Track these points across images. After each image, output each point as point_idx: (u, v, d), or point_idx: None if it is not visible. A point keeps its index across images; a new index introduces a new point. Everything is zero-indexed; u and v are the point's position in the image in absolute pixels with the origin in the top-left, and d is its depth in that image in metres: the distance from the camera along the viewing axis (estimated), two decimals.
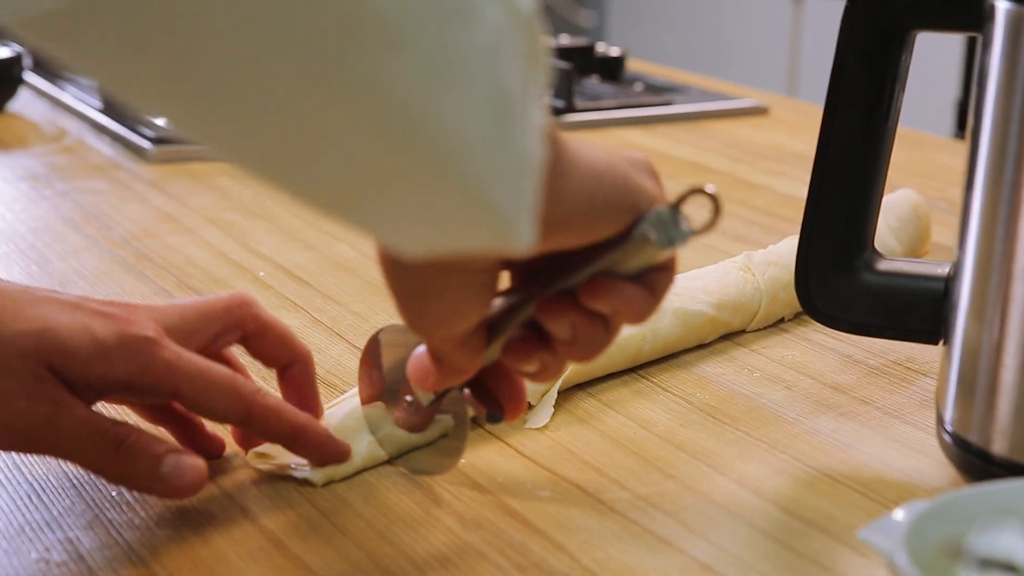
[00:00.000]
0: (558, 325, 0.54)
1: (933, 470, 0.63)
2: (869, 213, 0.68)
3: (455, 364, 0.55)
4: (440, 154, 0.41)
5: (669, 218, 0.51)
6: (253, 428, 0.59)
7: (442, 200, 0.43)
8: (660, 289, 0.54)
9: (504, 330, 0.55)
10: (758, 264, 0.81)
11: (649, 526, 0.58)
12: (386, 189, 0.42)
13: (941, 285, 0.65)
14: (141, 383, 0.56)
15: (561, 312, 0.53)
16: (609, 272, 0.52)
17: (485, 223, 0.44)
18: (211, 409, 0.58)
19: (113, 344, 0.56)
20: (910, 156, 1.25)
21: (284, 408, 0.59)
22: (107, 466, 0.56)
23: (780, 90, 3.14)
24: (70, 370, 0.55)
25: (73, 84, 1.46)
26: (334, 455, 0.60)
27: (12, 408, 0.54)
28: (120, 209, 1.05)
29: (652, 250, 0.51)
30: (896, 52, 0.65)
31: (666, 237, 0.51)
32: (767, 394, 0.71)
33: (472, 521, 0.58)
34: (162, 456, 0.56)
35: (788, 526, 0.58)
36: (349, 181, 0.42)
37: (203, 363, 0.58)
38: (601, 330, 0.54)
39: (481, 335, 0.54)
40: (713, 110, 1.44)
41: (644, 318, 0.54)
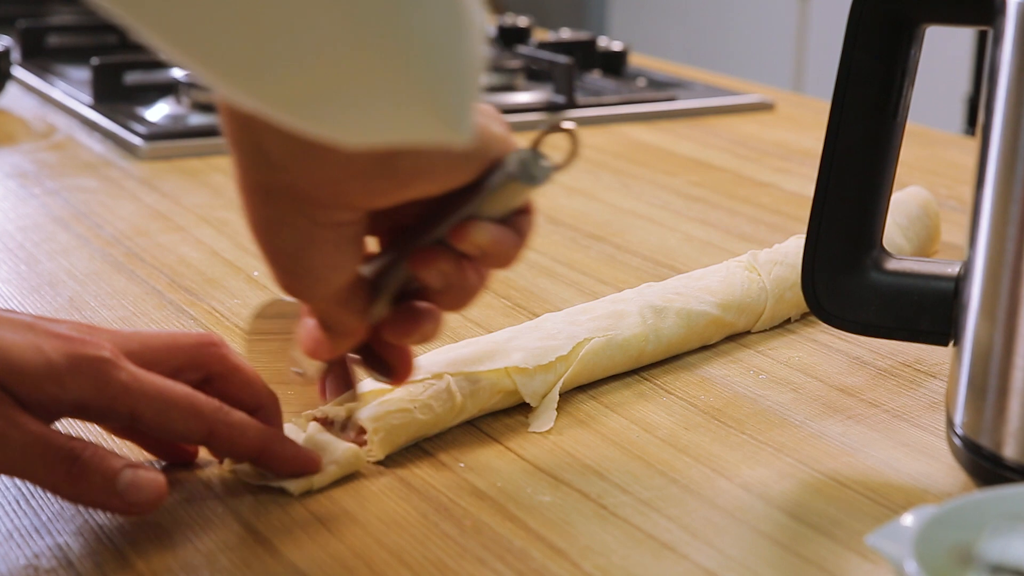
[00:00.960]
0: (430, 273, 0.57)
1: (943, 474, 0.63)
2: (877, 211, 0.68)
3: (342, 327, 0.58)
4: (403, 52, 0.44)
5: (531, 157, 0.55)
6: (217, 447, 0.59)
7: (398, 94, 0.45)
8: (524, 230, 0.58)
9: (384, 288, 0.59)
10: (764, 263, 0.81)
11: (652, 531, 0.58)
12: (344, 81, 0.44)
13: (951, 285, 0.65)
14: (96, 404, 0.56)
15: (432, 260, 0.57)
16: (475, 216, 0.56)
17: (434, 117, 0.47)
18: (172, 430, 0.58)
19: (65, 365, 0.55)
20: (919, 153, 1.25)
21: (248, 424, 0.59)
22: (60, 483, 0.55)
23: (786, 85, 3.14)
24: (21, 389, 0.54)
25: (63, 80, 1.46)
26: (303, 467, 0.60)
27: None
28: (111, 207, 1.05)
29: (516, 188, 0.56)
30: (905, 46, 0.65)
31: (529, 175, 0.55)
32: (773, 396, 0.71)
33: (471, 527, 0.58)
34: (119, 471, 0.55)
35: (794, 531, 0.58)
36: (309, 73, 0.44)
37: (161, 382, 0.57)
38: (472, 275, 0.58)
39: (361, 295, 0.58)
40: (717, 106, 1.44)
41: (511, 259, 0.58)
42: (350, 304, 0.57)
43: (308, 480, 0.60)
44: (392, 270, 0.58)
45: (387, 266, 0.58)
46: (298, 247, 0.54)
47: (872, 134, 0.66)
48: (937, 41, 1.06)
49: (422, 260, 0.57)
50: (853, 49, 0.66)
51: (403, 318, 0.60)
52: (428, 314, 0.60)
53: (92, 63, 1.37)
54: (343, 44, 0.43)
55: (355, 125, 0.46)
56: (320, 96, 0.45)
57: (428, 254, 0.57)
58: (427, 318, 0.60)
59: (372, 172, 0.52)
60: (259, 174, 0.54)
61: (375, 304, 0.59)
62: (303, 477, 0.60)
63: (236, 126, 0.54)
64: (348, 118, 0.46)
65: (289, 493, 0.60)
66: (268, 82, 0.44)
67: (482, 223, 0.56)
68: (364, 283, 0.58)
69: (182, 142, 1.22)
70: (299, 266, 0.55)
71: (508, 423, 0.67)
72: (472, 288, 0.58)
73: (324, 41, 0.42)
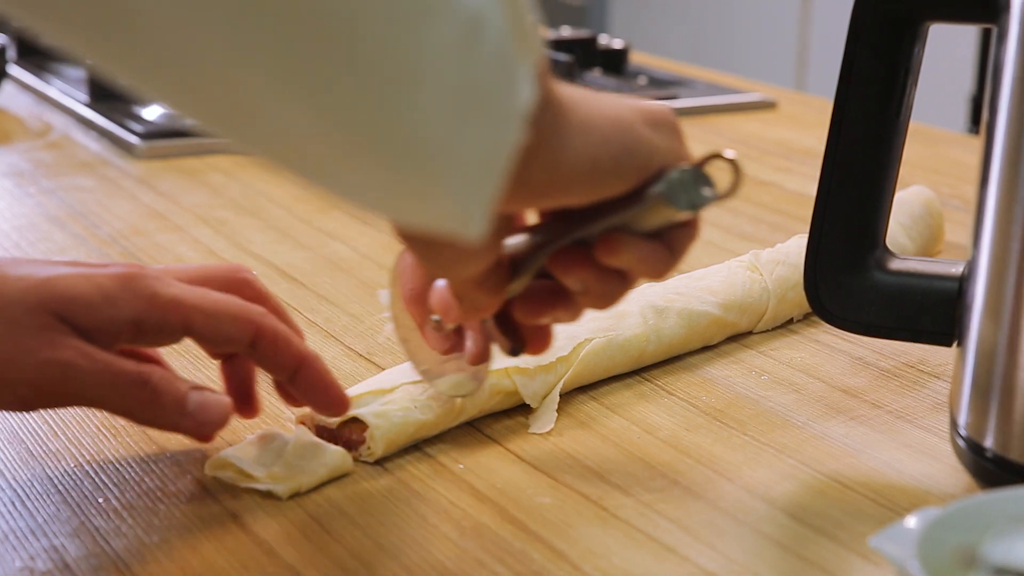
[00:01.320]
0: (569, 279, 0.55)
1: (946, 476, 0.63)
2: (880, 211, 0.68)
3: (475, 304, 0.56)
4: (391, 150, 0.42)
5: (690, 180, 0.51)
6: (260, 353, 0.60)
7: (400, 188, 0.44)
8: (680, 247, 0.55)
9: (525, 270, 0.56)
10: (766, 263, 0.81)
11: (653, 533, 0.58)
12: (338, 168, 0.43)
13: (955, 285, 0.65)
14: (150, 320, 0.58)
15: (572, 267, 0.55)
16: (626, 228, 0.53)
17: (439, 212, 0.45)
18: (222, 335, 0.59)
19: (116, 286, 0.57)
20: (923, 152, 1.25)
21: (291, 336, 0.61)
22: (133, 407, 0.58)
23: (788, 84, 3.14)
24: (79, 317, 0.57)
25: (59, 78, 1.46)
26: (334, 400, 0.61)
27: (33, 362, 0.56)
28: (108, 207, 1.05)
29: (670, 212, 0.52)
30: (908, 44, 0.65)
31: (686, 200, 0.51)
32: (775, 397, 0.71)
33: (471, 529, 0.58)
34: (186, 393, 0.58)
35: (796, 533, 0.58)
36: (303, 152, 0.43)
37: (207, 291, 0.59)
38: (616, 283, 0.55)
39: (500, 275, 0.55)
40: (719, 104, 1.44)
41: (662, 275, 0.55)
42: (487, 284, 0.55)
43: (296, 482, 0.60)
44: (534, 255, 0.55)
45: (533, 247, 0.55)
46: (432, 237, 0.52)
47: (875, 133, 0.66)
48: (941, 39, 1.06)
49: (562, 265, 0.55)
50: (856, 47, 0.66)
51: (537, 298, 0.57)
52: (565, 300, 0.57)
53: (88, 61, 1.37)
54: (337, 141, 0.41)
55: (366, 202, 0.46)
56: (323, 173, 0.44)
57: (569, 260, 0.54)
58: (562, 304, 0.57)
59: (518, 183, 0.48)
60: None
61: (513, 283, 0.56)
62: (293, 479, 0.60)
63: None
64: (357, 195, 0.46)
65: (277, 496, 0.60)
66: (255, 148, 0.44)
67: (630, 239, 0.53)
68: (504, 264, 0.55)
69: (179, 141, 1.22)
70: (436, 252, 0.53)
71: (508, 424, 0.67)
72: (614, 294, 0.56)
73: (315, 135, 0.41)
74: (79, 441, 0.65)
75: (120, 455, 0.64)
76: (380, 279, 0.88)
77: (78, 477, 0.62)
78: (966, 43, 2.63)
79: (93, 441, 0.65)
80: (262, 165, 0.45)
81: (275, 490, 0.60)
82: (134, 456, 0.64)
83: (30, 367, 0.56)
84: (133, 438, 0.65)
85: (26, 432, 0.66)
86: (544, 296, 0.57)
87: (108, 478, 0.62)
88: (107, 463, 0.63)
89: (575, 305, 0.57)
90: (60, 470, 0.63)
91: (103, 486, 0.61)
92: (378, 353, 0.76)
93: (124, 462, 0.63)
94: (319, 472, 0.61)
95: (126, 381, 0.57)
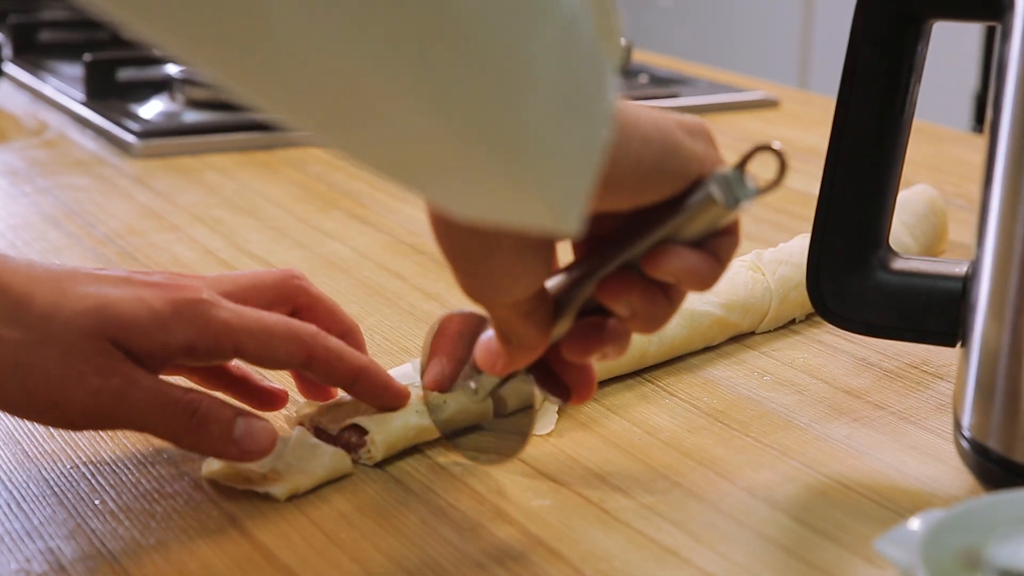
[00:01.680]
0: (618, 304, 0.55)
1: (950, 477, 0.63)
2: (884, 210, 0.68)
3: (523, 340, 0.56)
4: (504, 148, 0.44)
5: (734, 178, 0.52)
6: (315, 371, 0.62)
7: (499, 185, 0.45)
8: (725, 254, 0.55)
9: (569, 305, 0.56)
10: (768, 263, 0.81)
11: (655, 536, 0.58)
12: (444, 167, 0.44)
13: (959, 285, 0.65)
14: (202, 345, 0.59)
15: (622, 291, 0.55)
16: (671, 239, 0.53)
17: (537, 209, 0.47)
18: (274, 358, 0.61)
19: (169, 311, 0.59)
20: (926, 150, 1.25)
21: (345, 350, 0.62)
22: (181, 434, 0.59)
23: (791, 82, 3.14)
24: (132, 342, 0.58)
25: (55, 76, 1.46)
26: (392, 400, 0.63)
27: (86, 388, 0.57)
28: (103, 206, 1.05)
29: (717, 212, 0.53)
30: (912, 42, 0.65)
31: (732, 197, 0.52)
32: (777, 398, 0.71)
33: (470, 531, 0.58)
34: (232, 420, 0.59)
35: (799, 536, 0.58)
36: (411, 154, 0.44)
37: (258, 314, 0.61)
38: (663, 302, 0.56)
39: (546, 309, 0.56)
40: (721, 103, 1.44)
41: (709, 285, 0.55)
42: (532, 317, 0.55)
43: (294, 484, 0.60)
44: (578, 287, 0.55)
45: (573, 283, 0.56)
46: (479, 250, 0.52)
47: (878, 131, 0.66)
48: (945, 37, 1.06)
49: (610, 290, 0.55)
50: (859, 45, 0.66)
51: (584, 335, 0.57)
52: (612, 333, 0.57)
53: (84, 59, 1.37)
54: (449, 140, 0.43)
55: (460, 203, 0.47)
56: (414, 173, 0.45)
57: (617, 284, 0.54)
58: (610, 338, 0.57)
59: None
60: None
61: (558, 321, 0.56)
62: (291, 479, 0.60)
63: None
64: (453, 196, 0.47)
65: (275, 498, 0.60)
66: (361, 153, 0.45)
67: (677, 250, 0.53)
68: (549, 298, 0.56)
69: (176, 140, 1.22)
70: (480, 270, 0.53)
71: None
72: (663, 315, 0.56)
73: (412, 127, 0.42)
74: (75, 443, 0.65)
75: (117, 457, 0.64)
76: (379, 279, 0.88)
77: (74, 479, 0.62)
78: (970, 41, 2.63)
79: (90, 443, 0.65)
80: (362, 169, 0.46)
81: (273, 492, 0.60)
82: (131, 458, 0.64)
83: (81, 393, 0.57)
84: (130, 440, 0.65)
85: (22, 434, 0.66)
86: (590, 332, 0.57)
87: (105, 480, 0.62)
88: (104, 465, 0.63)
89: (622, 336, 0.57)
90: (56, 472, 0.63)
91: (100, 488, 0.61)
92: (377, 355, 0.76)
93: (121, 464, 0.63)
94: (317, 473, 0.61)
95: (175, 409, 0.58)
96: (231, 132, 1.24)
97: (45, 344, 0.57)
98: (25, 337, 0.57)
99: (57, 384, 0.57)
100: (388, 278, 0.88)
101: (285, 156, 1.21)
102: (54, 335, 0.57)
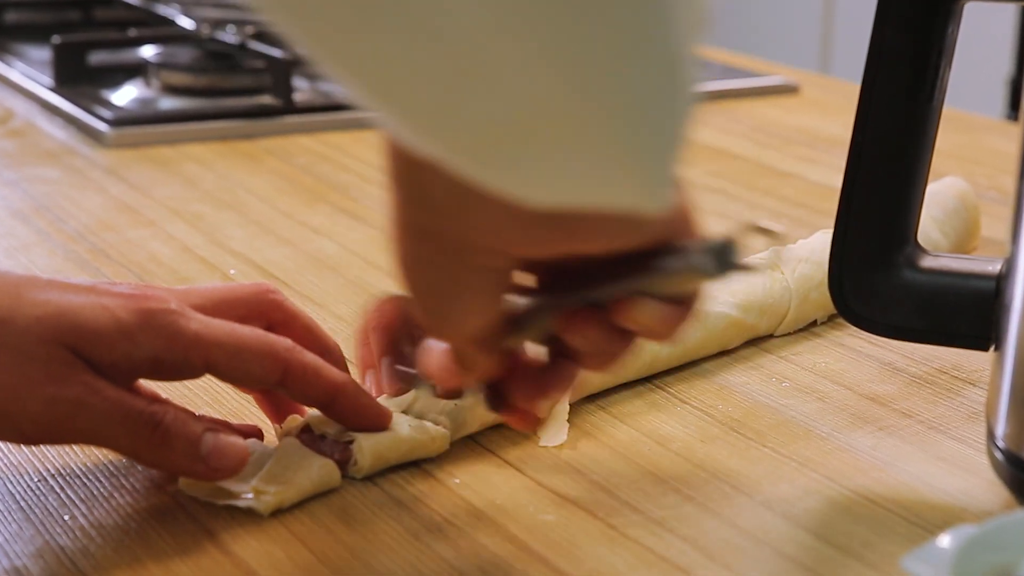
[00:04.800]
0: (577, 339, 0.57)
1: (982, 491, 0.63)
2: (911, 204, 0.68)
3: (474, 365, 0.58)
4: (617, 108, 0.44)
5: (723, 249, 0.53)
6: (290, 389, 0.62)
7: (600, 152, 0.46)
8: (693, 303, 0.57)
9: (527, 330, 0.58)
10: (787, 261, 0.81)
11: (665, 553, 0.58)
12: (543, 133, 0.45)
13: (992, 284, 0.65)
14: (170, 358, 0.59)
15: (582, 327, 0.57)
16: (641, 291, 0.55)
17: (633, 182, 0.47)
18: (247, 373, 0.60)
19: (135, 322, 0.58)
20: (957, 140, 1.25)
21: (323, 366, 0.62)
22: (142, 450, 0.58)
23: (812, 66, 3.14)
24: (93, 352, 0.57)
25: (22, 59, 1.46)
26: (374, 420, 0.63)
27: (40, 396, 0.57)
28: (74, 199, 1.05)
29: (700, 279, 0.55)
30: (942, 23, 0.65)
31: (718, 269, 0.53)
32: (797, 406, 0.71)
33: (468, 548, 0.58)
34: (200, 436, 0.58)
35: (821, 554, 0.58)
36: (508, 120, 0.44)
37: (231, 327, 0.60)
38: (620, 344, 0.57)
39: (499, 335, 0.57)
40: (737, 89, 1.44)
41: (673, 336, 0.57)
42: (487, 344, 0.57)
43: (278, 497, 0.60)
44: (537, 316, 0.58)
45: (534, 309, 0.58)
46: (443, 289, 0.55)
47: (905, 119, 0.66)
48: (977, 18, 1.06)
49: (572, 324, 0.57)
50: (885, 26, 0.66)
51: (534, 380, 0.60)
52: (560, 375, 0.59)
53: (53, 41, 1.37)
54: (554, 94, 0.43)
55: (542, 182, 0.47)
56: (512, 148, 0.45)
57: (579, 320, 0.57)
58: (558, 381, 0.59)
59: (537, 223, 0.52)
60: (418, 214, 0.55)
61: (512, 342, 0.59)
62: (276, 492, 0.60)
63: (401, 165, 0.54)
64: (536, 173, 0.47)
65: (258, 513, 0.60)
66: (459, 129, 0.45)
67: (649, 302, 0.55)
68: (504, 322, 0.57)
69: (152, 128, 1.22)
70: (443, 307, 0.56)
71: (507, 434, 0.67)
72: (618, 355, 0.58)
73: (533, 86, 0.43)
74: (43, 454, 0.65)
75: (88, 469, 0.64)
76: (369, 277, 0.88)
77: (42, 492, 0.62)
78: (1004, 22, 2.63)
79: (58, 453, 0.65)
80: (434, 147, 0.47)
81: (256, 507, 0.60)
82: (103, 470, 0.64)
83: (35, 401, 0.56)
84: (102, 451, 0.65)
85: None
86: (539, 376, 0.59)
87: (75, 493, 0.62)
88: (74, 477, 0.63)
89: (569, 378, 0.59)
90: (23, 485, 0.63)
91: (69, 502, 0.61)
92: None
93: (92, 476, 0.63)
94: (304, 486, 0.61)
95: (137, 422, 0.58)
96: (211, 120, 1.24)
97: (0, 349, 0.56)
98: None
99: (9, 392, 0.56)
100: (380, 277, 0.88)
101: (269, 146, 1.21)
102: (8, 341, 0.56)
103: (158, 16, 1.52)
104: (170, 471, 0.60)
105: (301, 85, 1.34)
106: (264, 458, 0.61)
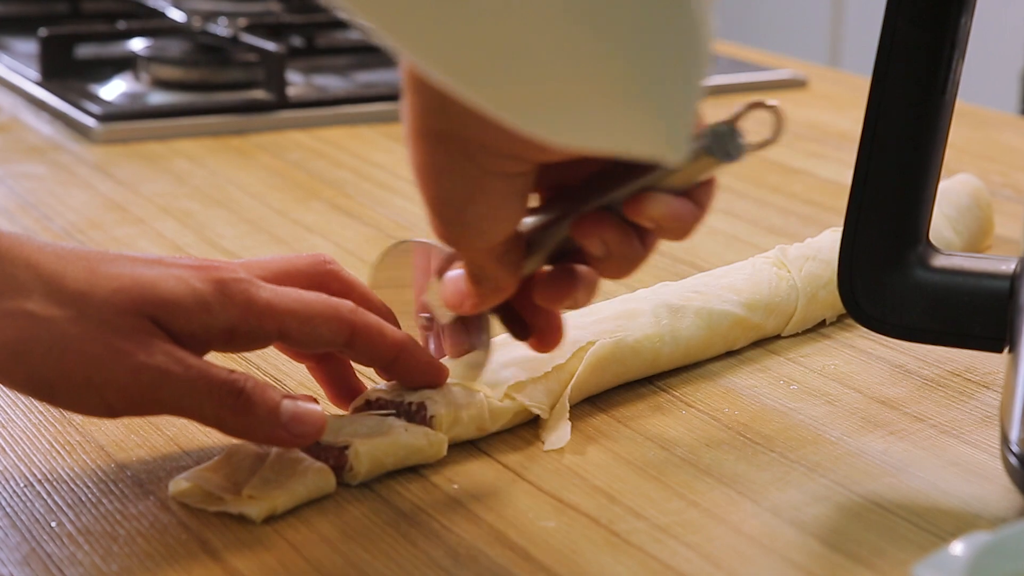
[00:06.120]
0: (593, 242, 0.60)
1: (997, 497, 0.63)
2: (923, 201, 0.68)
3: (494, 282, 0.62)
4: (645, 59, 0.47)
5: (727, 133, 0.57)
6: (357, 349, 0.64)
7: (626, 103, 0.48)
8: (704, 201, 0.60)
9: (541, 245, 0.62)
10: (794, 259, 0.81)
11: (669, 561, 0.58)
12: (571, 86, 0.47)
13: (1006, 284, 0.65)
14: (244, 327, 0.61)
15: (597, 228, 0.60)
16: (653, 187, 0.58)
17: (656, 132, 0.50)
18: (318, 337, 0.63)
19: (210, 291, 0.60)
20: (970, 135, 1.25)
21: (385, 326, 0.65)
22: (226, 417, 0.60)
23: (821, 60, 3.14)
24: (173, 323, 0.60)
25: (7, 52, 1.46)
26: (435, 376, 0.66)
27: (126, 365, 0.58)
28: (61, 196, 1.05)
29: (707, 164, 0.58)
30: (955, 15, 0.65)
31: (725, 151, 0.57)
32: (805, 410, 0.71)
33: (466, 555, 0.58)
34: (279, 403, 0.60)
35: (830, 561, 0.58)
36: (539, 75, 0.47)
37: (298, 293, 0.63)
38: (638, 245, 0.61)
39: (518, 250, 0.61)
40: (744, 82, 1.44)
41: (688, 233, 0.60)
42: (505, 259, 0.61)
43: (271, 503, 0.60)
44: (552, 229, 0.61)
45: (547, 224, 0.61)
46: (464, 196, 0.58)
47: (917, 114, 0.66)
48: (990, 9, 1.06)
49: (586, 227, 0.60)
50: (897, 18, 0.66)
51: (556, 282, 0.63)
52: (582, 280, 0.63)
53: (40, 34, 1.37)
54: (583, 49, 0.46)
55: (569, 129, 0.49)
56: (541, 99, 0.48)
57: (593, 222, 0.60)
58: (580, 284, 0.63)
59: None
60: (434, 120, 0.57)
61: (530, 260, 0.62)
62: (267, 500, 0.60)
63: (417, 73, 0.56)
64: (564, 122, 0.49)
65: (250, 519, 0.60)
66: (493, 84, 0.47)
67: (661, 196, 0.58)
68: (522, 238, 0.61)
69: (141, 123, 1.22)
70: (462, 215, 0.59)
71: (506, 438, 0.67)
72: (636, 258, 0.61)
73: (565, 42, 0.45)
74: (29, 458, 0.65)
75: (75, 474, 0.64)
76: (364, 277, 0.88)
77: (28, 498, 0.62)
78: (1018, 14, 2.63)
79: (45, 458, 0.65)
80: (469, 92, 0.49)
81: (248, 513, 0.60)
82: (91, 475, 0.64)
83: (123, 370, 0.58)
84: (90, 455, 0.65)
85: None
86: (561, 278, 0.63)
87: (62, 499, 0.62)
88: (61, 483, 0.63)
89: (592, 281, 0.63)
90: (8, 490, 0.63)
91: (56, 508, 0.61)
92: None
93: (80, 482, 0.63)
94: (298, 491, 0.61)
95: (221, 390, 0.59)
96: (201, 115, 1.24)
97: (82, 320, 0.58)
98: (61, 314, 0.58)
99: (96, 362, 0.58)
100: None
101: (261, 141, 1.21)
102: (89, 312, 0.58)
103: (148, 8, 1.52)
104: (252, 439, 0.62)
105: (294, 79, 1.34)
106: (257, 461, 0.61)
